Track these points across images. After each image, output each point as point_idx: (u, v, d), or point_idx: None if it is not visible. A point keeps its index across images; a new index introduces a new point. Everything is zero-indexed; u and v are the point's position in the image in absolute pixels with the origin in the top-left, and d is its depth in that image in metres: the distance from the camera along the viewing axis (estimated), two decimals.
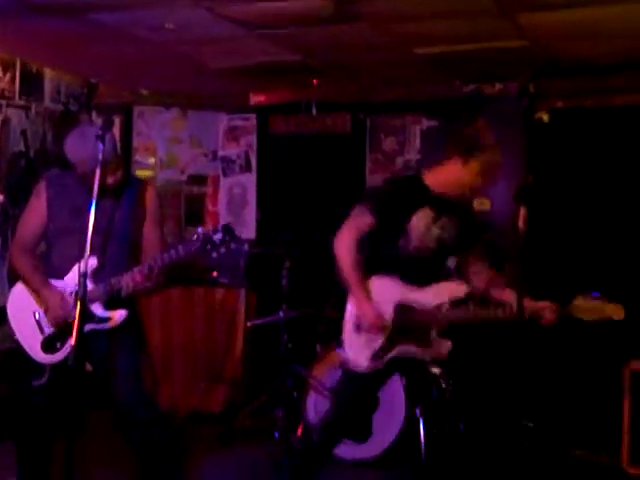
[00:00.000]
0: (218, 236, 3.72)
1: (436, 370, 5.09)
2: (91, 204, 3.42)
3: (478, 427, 5.36)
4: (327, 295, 6.06)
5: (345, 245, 4.16)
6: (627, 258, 6.27)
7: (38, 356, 3.88)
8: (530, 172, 4.99)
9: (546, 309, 4.02)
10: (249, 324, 6.37)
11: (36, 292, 3.92)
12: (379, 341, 4.12)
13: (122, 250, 3.91)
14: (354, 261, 4.13)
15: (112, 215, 3.85)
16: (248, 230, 7.67)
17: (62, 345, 3.83)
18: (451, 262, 4.44)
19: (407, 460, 4.98)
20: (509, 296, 3.98)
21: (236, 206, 7.75)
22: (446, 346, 4.16)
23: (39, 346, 3.87)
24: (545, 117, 6.14)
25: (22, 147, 6.23)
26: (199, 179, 7.76)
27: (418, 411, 4.89)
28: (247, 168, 7.70)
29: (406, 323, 4.13)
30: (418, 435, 4.75)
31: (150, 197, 4.04)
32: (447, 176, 4.23)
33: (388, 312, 4.14)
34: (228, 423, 5.92)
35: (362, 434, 5.07)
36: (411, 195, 4.20)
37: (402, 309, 4.15)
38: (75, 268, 3.75)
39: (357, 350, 4.16)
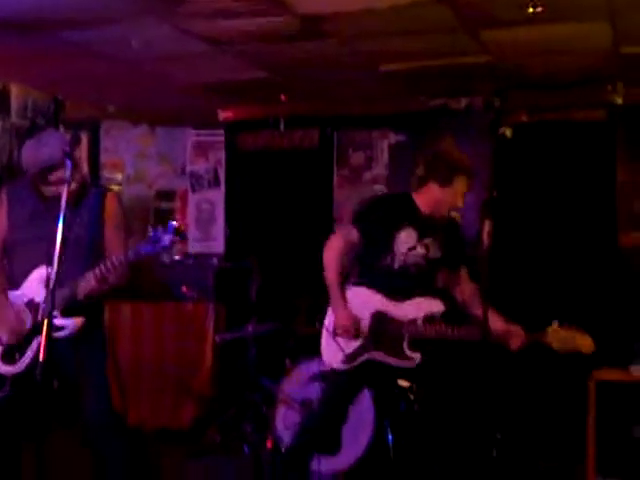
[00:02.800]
0: (168, 238, 3.70)
1: (404, 383, 5.14)
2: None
3: (447, 438, 5.41)
4: (296, 310, 6.10)
5: (331, 252, 4.34)
6: (590, 268, 6.38)
7: None
8: (495, 186, 5.04)
9: (513, 335, 4.14)
10: (218, 339, 6.38)
11: None
12: (353, 346, 4.30)
13: (80, 257, 3.85)
14: (337, 268, 4.32)
15: (69, 223, 3.82)
16: (217, 245, 7.69)
17: (21, 356, 3.81)
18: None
19: (376, 472, 5.01)
20: (491, 316, 4.05)
21: (205, 221, 7.76)
22: (415, 358, 4.29)
23: None
24: (508, 132, 6.20)
25: None
26: (167, 195, 7.78)
27: (387, 423, 4.95)
28: (215, 183, 7.73)
29: (380, 332, 4.30)
30: (387, 447, 4.79)
31: (110, 203, 4.01)
32: (429, 199, 4.36)
33: (364, 319, 4.30)
34: (197, 438, 5.92)
35: (331, 447, 5.09)
36: (397, 213, 4.34)
37: (378, 318, 4.31)
38: (31, 276, 3.79)
39: (331, 353, 4.35)
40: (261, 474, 5.11)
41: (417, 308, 4.29)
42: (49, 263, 3.56)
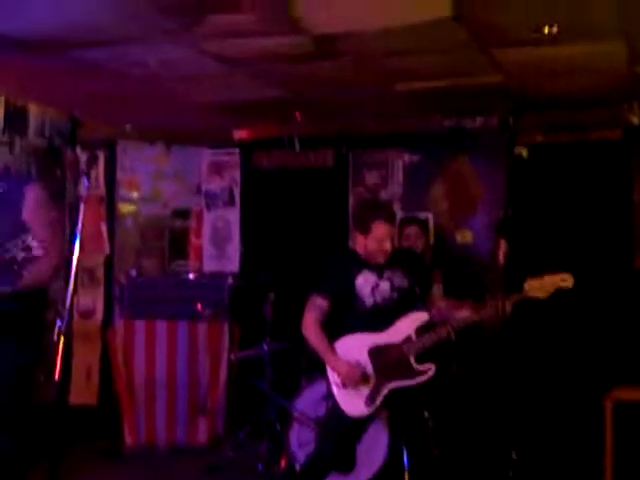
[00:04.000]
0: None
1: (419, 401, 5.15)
2: None
3: (463, 457, 5.38)
4: None
5: (308, 325, 4.54)
6: (605, 289, 6.35)
7: None
8: (510, 206, 5.05)
9: (486, 308, 4.37)
10: (233, 357, 6.39)
11: None
12: (368, 389, 4.41)
13: None
14: (318, 334, 4.51)
15: None
16: (232, 264, 7.70)
17: None
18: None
19: None
20: (466, 312, 4.44)
21: (220, 240, 7.78)
22: (429, 369, 4.42)
23: None
24: (524, 153, 6.23)
25: None
26: (183, 213, 7.80)
27: (401, 441, 4.94)
28: (230, 202, 7.75)
29: (384, 363, 4.43)
30: (402, 465, 4.77)
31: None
32: (360, 248, 4.58)
33: (363, 361, 4.44)
34: (212, 456, 5.92)
35: (346, 465, 5.08)
36: (346, 264, 4.56)
37: (375, 353, 4.45)
38: None
39: (351, 404, 4.44)
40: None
41: (406, 326, 4.44)
42: None
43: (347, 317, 4.53)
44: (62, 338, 3.34)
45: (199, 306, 6.71)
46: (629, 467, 5.07)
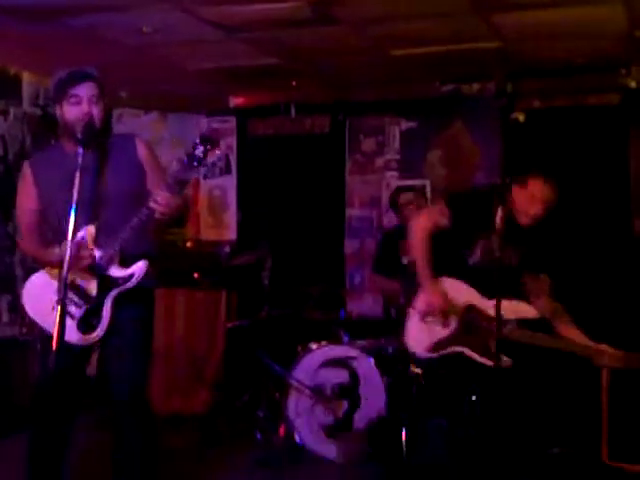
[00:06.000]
0: (199, 150, 3.63)
1: (417, 370, 5.17)
2: (73, 171, 3.32)
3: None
4: (307, 296, 6.09)
5: (419, 233, 4.27)
6: (604, 255, 6.34)
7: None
8: (507, 171, 5.01)
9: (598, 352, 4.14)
10: (230, 325, 6.39)
11: (50, 263, 3.70)
12: (441, 335, 4.22)
13: (120, 207, 3.67)
14: (426, 249, 4.23)
15: (101, 172, 3.65)
16: (229, 232, 7.70)
17: (99, 321, 3.64)
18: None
19: (388, 458, 5.01)
20: (573, 333, 4.17)
21: (217, 208, 7.77)
22: (504, 360, 4.02)
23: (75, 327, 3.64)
24: (521, 117, 6.18)
25: (1, 151, 6.23)
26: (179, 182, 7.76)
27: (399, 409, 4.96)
28: (227, 170, 7.73)
29: (471, 325, 4.20)
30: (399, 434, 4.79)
31: (141, 146, 3.86)
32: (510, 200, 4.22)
33: (458, 308, 4.22)
34: (210, 424, 5.94)
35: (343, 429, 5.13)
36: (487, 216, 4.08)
37: (471, 311, 4.22)
38: (78, 234, 3.51)
39: (417, 338, 4.28)
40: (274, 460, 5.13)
41: (511, 310, 4.08)
42: (88, 222, 3.54)
43: (455, 260, 4.26)
44: (60, 307, 3.28)
45: (196, 274, 6.71)
46: (625, 434, 5.09)
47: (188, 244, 7.25)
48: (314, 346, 5.37)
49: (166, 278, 6.63)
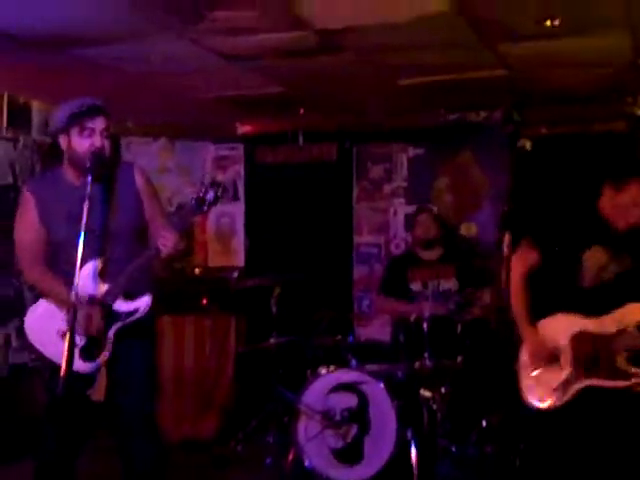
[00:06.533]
0: (210, 195, 3.65)
1: (427, 394, 5.18)
2: (79, 203, 3.39)
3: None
4: (316, 322, 6.11)
5: (514, 282, 4.15)
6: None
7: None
8: (514, 198, 5.04)
9: None
10: (239, 351, 6.41)
11: (62, 303, 3.67)
12: (559, 378, 3.97)
13: (127, 242, 3.74)
14: (520, 295, 4.11)
15: (109, 205, 3.68)
16: (237, 258, 7.73)
17: (100, 351, 3.67)
18: None
19: None
20: None
21: (224, 235, 7.80)
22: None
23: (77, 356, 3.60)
24: (528, 145, 6.23)
25: (10, 180, 6.26)
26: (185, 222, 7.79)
27: (409, 433, 4.96)
28: (235, 197, 7.77)
29: (586, 354, 3.92)
30: (409, 458, 4.79)
31: (138, 176, 3.85)
32: (605, 206, 4.10)
33: (563, 345, 3.98)
34: (220, 449, 5.94)
35: (353, 457, 5.11)
36: (584, 231, 4.05)
37: (579, 339, 3.95)
38: (82, 274, 3.47)
39: (536, 392, 4.04)
40: None
41: (624, 317, 3.86)
42: (94, 256, 3.57)
43: (556, 289, 4.06)
44: (68, 333, 3.30)
45: (205, 300, 6.73)
46: None
47: (196, 271, 7.27)
48: (323, 371, 5.38)
49: (175, 305, 6.68)
